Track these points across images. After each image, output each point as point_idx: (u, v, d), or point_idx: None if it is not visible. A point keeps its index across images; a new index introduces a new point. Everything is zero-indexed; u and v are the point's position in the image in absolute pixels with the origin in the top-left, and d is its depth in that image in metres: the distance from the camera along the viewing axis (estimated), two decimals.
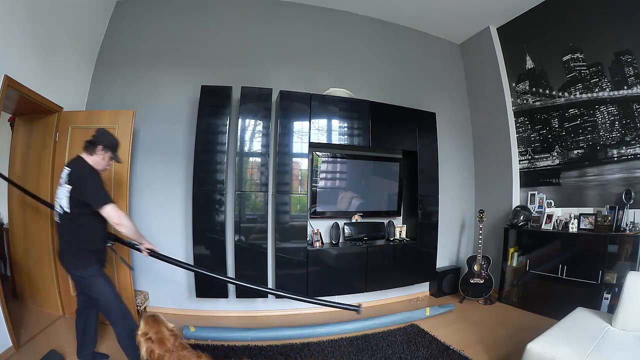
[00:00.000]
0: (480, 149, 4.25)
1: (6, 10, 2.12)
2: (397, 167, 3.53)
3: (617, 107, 2.93)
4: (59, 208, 1.82)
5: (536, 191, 3.55)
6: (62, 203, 1.79)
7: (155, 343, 1.38)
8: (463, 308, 3.39)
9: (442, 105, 4.00)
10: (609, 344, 1.77)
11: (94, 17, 3.07)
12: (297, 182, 2.97)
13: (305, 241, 3.02)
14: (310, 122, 3.01)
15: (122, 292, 2.67)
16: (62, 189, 1.80)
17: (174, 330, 1.48)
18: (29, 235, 2.82)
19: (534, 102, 3.62)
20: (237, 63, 3.32)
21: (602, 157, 3.05)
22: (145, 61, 3.18)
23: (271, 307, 3.15)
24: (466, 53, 4.32)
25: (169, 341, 1.40)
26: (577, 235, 2.97)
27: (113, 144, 1.95)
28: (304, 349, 2.42)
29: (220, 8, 3.37)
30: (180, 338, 1.48)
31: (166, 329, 1.45)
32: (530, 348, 1.81)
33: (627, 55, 2.80)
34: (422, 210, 3.45)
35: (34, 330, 2.43)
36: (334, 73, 3.59)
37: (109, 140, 1.93)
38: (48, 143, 2.72)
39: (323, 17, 3.66)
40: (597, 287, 2.70)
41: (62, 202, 1.79)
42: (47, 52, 2.57)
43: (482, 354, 2.39)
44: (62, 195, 1.79)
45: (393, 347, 2.48)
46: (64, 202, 1.78)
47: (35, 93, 2.41)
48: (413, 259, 3.41)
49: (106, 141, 1.92)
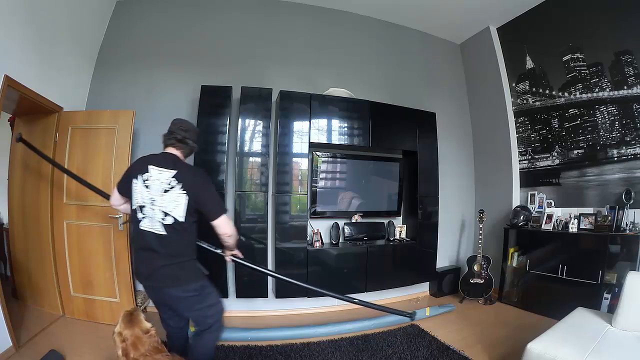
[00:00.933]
0: (480, 149, 4.25)
1: (6, 10, 2.12)
2: (397, 167, 3.53)
3: (617, 107, 2.93)
4: (161, 218, 1.51)
5: (536, 191, 3.55)
6: (174, 212, 1.52)
7: (130, 346, 1.35)
8: (463, 308, 3.39)
9: (442, 105, 4.00)
10: (609, 344, 1.77)
11: (94, 17, 3.07)
12: (297, 182, 2.97)
13: (305, 241, 3.01)
14: (310, 122, 3.01)
15: (123, 292, 2.68)
16: (172, 194, 1.52)
17: (151, 331, 1.43)
18: (29, 235, 2.82)
19: (534, 102, 3.62)
20: (237, 63, 3.32)
21: (602, 157, 3.05)
22: (145, 61, 3.18)
23: (271, 307, 3.15)
24: (466, 53, 4.32)
25: (144, 345, 1.36)
26: (577, 235, 2.97)
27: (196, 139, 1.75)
28: (304, 349, 2.42)
29: (220, 8, 3.37)
30: (156, 340, 1.43)
31: (141, 331, 1.40)
32: (530, 348, 1.81)
33: (627, 55, 2.80)
34: (422, 210, 3.45)
35: (34, 330, 2.42)
36: (334, 73, 3.60)
37: (196, 136, 1.74)
38: (48, 143, 2.72)
39: (323, 17, 3.67)
40: (597, 287, 2.70)
41: (174, 212, 1.52)
42: (47, 52, 2.56)
43: (482, 354, 2.39)
44: (172, 203, 1.52)
45: (393, 347, 2.48)
46: (179, 210, 1.52)
47: (35, 93, 2.41)
48: (413, 259, 3.41)
49: (195, 138, 1.72)
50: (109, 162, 2.65)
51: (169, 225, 1.52)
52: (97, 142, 2.70)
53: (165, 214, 1.51)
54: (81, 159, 2.71)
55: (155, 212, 1.52)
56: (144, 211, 1.54)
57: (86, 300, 2.72)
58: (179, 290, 1.55)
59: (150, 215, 1.52)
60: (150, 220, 1.53)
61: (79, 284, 2.72)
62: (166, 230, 1.52)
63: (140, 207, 1.55)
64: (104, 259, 2.68)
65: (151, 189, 1.53)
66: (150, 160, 1.60)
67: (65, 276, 2.72)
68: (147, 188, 1.54)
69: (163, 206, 1.52)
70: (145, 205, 1.53)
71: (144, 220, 1.54)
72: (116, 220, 2.62)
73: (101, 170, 2.66)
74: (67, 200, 2.70)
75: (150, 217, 1.52)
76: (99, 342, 2.36)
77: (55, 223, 2.71)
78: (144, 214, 1.54)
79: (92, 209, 2.67)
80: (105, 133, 2.68)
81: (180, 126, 1.68)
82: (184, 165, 1.62)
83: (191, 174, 1.61)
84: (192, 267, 1.61)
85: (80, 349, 2.25)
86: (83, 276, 2.71)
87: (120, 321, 1.43)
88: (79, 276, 2.72)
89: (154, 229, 1.52)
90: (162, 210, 1.52)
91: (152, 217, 1.52)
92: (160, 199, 1.52)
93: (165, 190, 1.52)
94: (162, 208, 1.52)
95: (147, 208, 1.53)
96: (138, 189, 1.56)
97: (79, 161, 2.71)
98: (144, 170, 1.56)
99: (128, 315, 1.46)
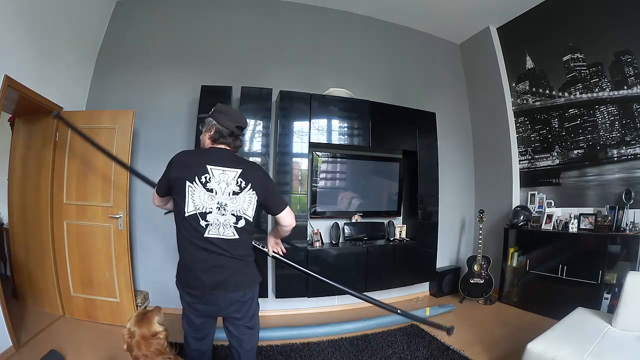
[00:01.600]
0: (480, 149, 4.25)
1: (6, 10, 2.12)
2: (397, 167, 3.53)
3: (617, 107, 2.93)
4: (234, 222, 1.38)
5: (536, 191, 3.55)
6: (247, 214, 1.40)
7: (134, 343, 1.37)
8: (463, 308, 3.39)
9: (442, 105, 4.00)
10: (609, 344, 1.77)
11: (94, 17, 3.07)
12: (297, 182, 2.97)
13: (305, 241, 3.02)
14: (310, 122, 3.01)
15: (123, 292, 2.68)
16: (245, 196, 1.39)
17: (159, 333, 1.42)
18: (29, 235, 2.82)
19: (534, 102, 3.62)
20: (237, 63, 3.32)
21: (602, 157, 3.05)
22: (145, 61, 3.18)
23: (271, 307, 3.14)
24: (466, 53, 4.32)
25: (148, 346, 1.37)
26: (577, 235, 2.97)
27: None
28: (304, 349, 2.42)
29: (220, 8, 3.37)
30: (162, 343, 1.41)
31: (149, 332, 1.40)
32: (530, 348, 1.81)
33: (627, 55, 2.80)
34: (422, 210, 3.45)
35: (34, 330, 2.43)
36: (334, 73, 3.59)
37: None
38: (48, 143, 2.72)
39: (323, 17, 3.66)
40: (597, 287, 2.70)
41: (247, 213, 1.40)
42: (48, 52, 2.57)
43: (482, 354, 2.39)
44: (245, 204, 1.40)
45: (393, 347, 2.48)
46: (250, 211, 1.41)
47: (35, 93, 2.41)
48: (413, 259, 3.41)
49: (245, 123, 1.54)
50: (109, 162, 2.64)
51: (241, 228, 1.39)
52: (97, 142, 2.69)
53: (237, 218, 1.38)
54: (81, 159, 2.71)
55: (227, 217, 1.36)
56: (209, 218, 1.34)
57: (86, 300, 2.72)
58: (238, 295, 1.41)
59: (220, 222, 1.36)
60: (219, 227, 1.36)
61: (79, 284, 2.72)
62: (238, 234, 1.39)
63: (201, 214, 1.34)
64: (104, 259, 2.68)
65: (217, 192, 1.35)
66: (207, 159, 1.38)
67: (65, 276, 2.72)
68: (211, 192, 1.34)
69: (235, 210, 1.38)
70: (212, 211, 1.34)
71: (210, 227, 1.34)
72: (116, 220, 2.62)
73: (101, 170, 2.66)
74: (67, 200, 2.70)
75: (220, 224, 1.36)
76: (99, 342, 2.36)
77: (55, 223, 2.71)
78: (208, 220, 1.34)
79: (92, 209, 2.67)
80: (105, 133, 2.67)
81: (231, 119, 1.44)
82: (244, 162, 1.48)
83: (255, 169, 1.48)
84: (254, 269, 1.50)
85: (80, 349, 2.25)
86: (83, 276, 2.71)
87: (133, 318, 1.45)
88: (79, 276, 2.72)
89: (225, 235, 1.36)
90: (235, 214, 1.38)
91: (223, 224, 1.36)
92: (232, 202, 1.37)
93: (235, 192, 1.38)
94: (235, 212, 1.38)
95: (213, 214, 1.34)
96: (197, 193, 1.33)
97: (79, 161, 2.71)
98: (203, 172, 1.34)
99: (141, 314, 1.47)
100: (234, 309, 1.43)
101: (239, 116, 1.50)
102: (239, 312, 1.44)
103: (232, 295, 1.40)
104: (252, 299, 1.47)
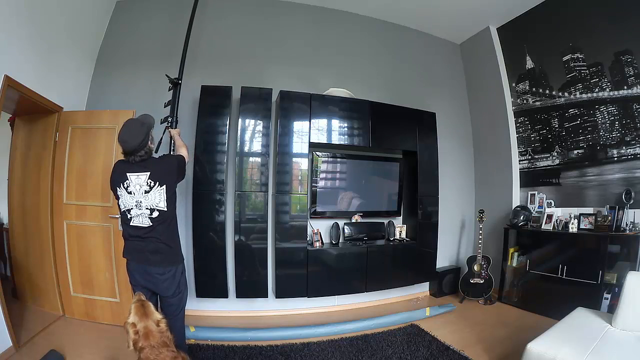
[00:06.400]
0: (480, 149, 4.25)
1: (7, 10, 2.12)
2: (397, 167, 3.52)
3: (617, 107, 2.93)
4: (148, 212, 1.72)
5: (536, 191, 3.55)
6: (159, 205, 1.73)
7: (141, 336, 1.39)
8: (463, 308, 3.39)
9: (442, 105, 4.00)
10: (609, 344, 1.77)
11: (94, 17, 3.07)
12: (297, 182, 2.97)
13: (305, 241, 3.01)
14: (310, 122, 3.01)
15: (123, 292, 2.68)
16: (154, 193, 1.73)
17: (161, 324, 1.46)
18: (29, 235, 2.82)
19: (534, 102, 3.62)
20: (237, 63, 3.32)
21: (602, 157, 3.05)
22: (145, 61, 3.17)
23: (271, 307, 3.15)
24: (466, 53, 4.32)
25: (154, 338, 1.40)
26: (577, 235, 2.97)
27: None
28: (304, 349, 2.42)
29: (220, 8, 3.37)
30: (167, 336, 1.46)
31: (153, 323, 1.44)
32: (530, 348, 1.81)
33: (627, 55, 2.79)
34: (422, 210, 3.45)
35: (34, 330, 2.43)
36: (334, 73, 3.59)
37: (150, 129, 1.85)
38: (48, 143, 2.72)
39: (323, 17, 3.66)
40: (597, 287, 2.70)
41: (159, 205, 1.73)
42: (47, 52, 2.57)
43: (482, 354, 2.39)
44: (156, 199, 1.73)
45: (393, 347, 2.48)
46: (162, 203, 1.74)
47: (35, 93, 2.41)
48: (413, 259, 3.41)
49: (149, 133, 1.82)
50: (109, 162, 2.63)
51: (155, 218, 1.74)
52: (97, 142, 2.70)
53: (151, 210, 1.73)
54: (81, 159, 2.71)
55: (142, 210, 1.73)
56: (132, 212, 1.73)
57: (86, 300, 2.72)
58: (159, 269, 1.75)
59: (138, 214, 1.73)
60: (139, 217, 1.73)
61: (79, 284, 2.72)
62: (152, 222, 1.73)
63: (127, 210, 1.74)
64: (104, 259, 2.69)
65: (135, 193, 1.73)
66: (128, 167, 1.75)
67: (65, 276, 2.72)
68: (131, 194, 1.73)
69: (149, 204, 1.73)
70: (133, 207, 1.73)
71: (133, 218, 1.74)
72: (116, 220, 2.62)
73: (101, 170, 2.66)
74: (67, 200, 2.70)
75: (139, 215, 1.73)
76: (99, 342, 2.36)
77: (55, 223, 2.71)
78: (132, 214, 1.73)
79: (92, 209, 2.68)
80: (105, 133, 2.68)
81: (130, 135, 1.70)
82: (153, 163, 1.79)
83: (159, 165, 1.80)
84: (179, 252, 1.85)
85: (80, 349, 2.26)
86: (83, 276, 2.71)
87: (133, 312, 1.45)
88: (79, 276, 2.72)
89: (143, 223, 1.74)
90: (149, 207, 1.73)
91: (140, 215, 1.73)
92: (145, 199, 1.73)
93: (146, 191, 1.73)
94: (149, 206, 1.73)
95: (134, 209, 1.72)
96: (123, 195, 1.74)
97: (79, 161, 2.71)
98: (124, 179, 1.73)
99: (140, 307, 1.48)
100: (154, 282, 1.77)
101: (122, 138, 1.71)
102: (155, 286, 1.78)
103: (150, 268, 1.74)
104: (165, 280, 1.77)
